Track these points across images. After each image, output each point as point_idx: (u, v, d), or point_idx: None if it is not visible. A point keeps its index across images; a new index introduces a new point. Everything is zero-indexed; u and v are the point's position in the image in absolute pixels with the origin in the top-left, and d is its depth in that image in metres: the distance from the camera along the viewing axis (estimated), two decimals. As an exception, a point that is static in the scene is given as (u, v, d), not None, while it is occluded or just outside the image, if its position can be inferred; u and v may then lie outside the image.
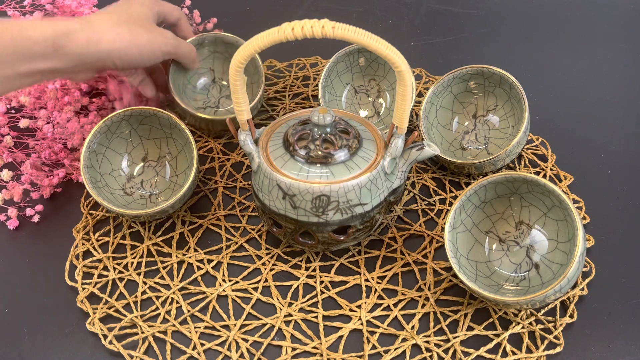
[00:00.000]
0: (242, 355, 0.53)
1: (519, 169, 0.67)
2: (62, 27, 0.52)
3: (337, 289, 0.57)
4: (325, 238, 0.55)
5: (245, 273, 0.58)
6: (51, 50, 0.51)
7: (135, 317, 0.55)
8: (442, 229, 0.60)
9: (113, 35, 0.55)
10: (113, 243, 0.61)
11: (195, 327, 0.54)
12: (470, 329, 0.54)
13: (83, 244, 0.61)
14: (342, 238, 0.55)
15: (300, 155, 0.53)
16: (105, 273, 0.59)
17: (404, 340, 0.53)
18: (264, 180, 0.54)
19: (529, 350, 0.52)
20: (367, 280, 0.58)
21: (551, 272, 0.53)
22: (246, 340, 0.54)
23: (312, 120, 0.53)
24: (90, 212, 0.64)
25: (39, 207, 0.63)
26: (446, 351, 0.53)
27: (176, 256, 0.60)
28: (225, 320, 0.55)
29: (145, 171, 0.64)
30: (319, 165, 0.52)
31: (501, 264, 0.56)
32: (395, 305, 0.56)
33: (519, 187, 0.55)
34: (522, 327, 0.54)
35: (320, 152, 0.52)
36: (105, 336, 0.54)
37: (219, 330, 0.54)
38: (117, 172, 0.63)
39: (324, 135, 0.53)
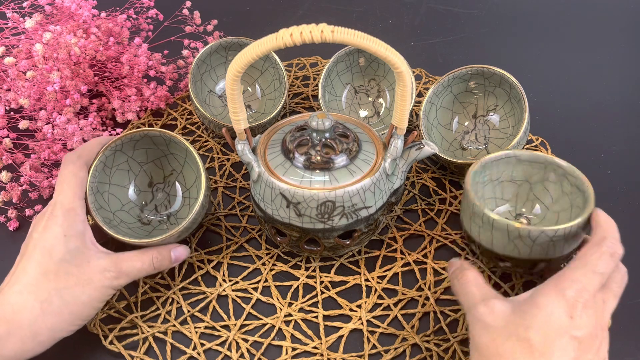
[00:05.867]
0: (242, 355, 0.53)
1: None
2: None
3: (337, 289, 0.57)
4: (331, 244, 0.54)
5: (245, 273, 0.58)
6: None
7: (136, 317, 0.55)
8: (442, 229, 0.60)
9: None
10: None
11: (195, 327, 0.54)
12: (470, 328, 0.54)
13: (83, 244, 0.61)
14: (348, 242, 0.55)
15: (301, 162, 0.52)
16: (105, 273, 0.59)
17: (404, 339, 0.53)
18: (266, 190, 0.53)
19: (529, 350, 0.52)
20: (367, 280, 0.58)
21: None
22: (246, 340, 0.54)
23: (311, 125, 0.52)
24: (91, 212, 0.64)
25: (38, 207, 0.63)
26: (446, 351, 0.53)
27: (176, 256, 0.60)
28: (225, 320, 0.55)
29: (156, 195, 0.61)
30: (321, 171, 0.52)
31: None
32: (395, 305, 0.56)
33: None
34: (522, 327, 0.53)
35: (321, 158, 0.52)
36: (105, 336, 0.54)
37: (219, 330, 0.54)
38: (128, 206, 0.59)
39: (323, 140, 0.53)
